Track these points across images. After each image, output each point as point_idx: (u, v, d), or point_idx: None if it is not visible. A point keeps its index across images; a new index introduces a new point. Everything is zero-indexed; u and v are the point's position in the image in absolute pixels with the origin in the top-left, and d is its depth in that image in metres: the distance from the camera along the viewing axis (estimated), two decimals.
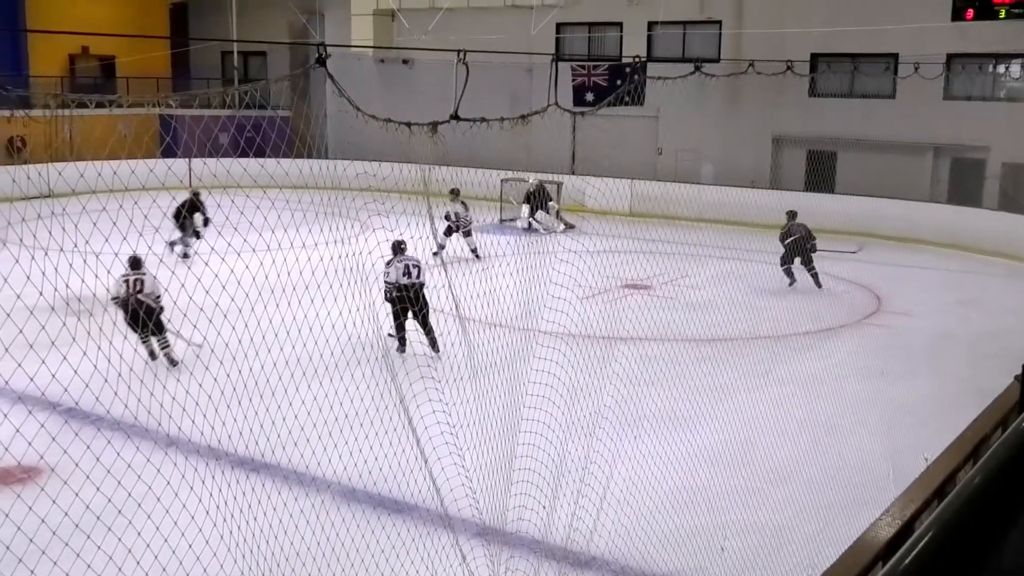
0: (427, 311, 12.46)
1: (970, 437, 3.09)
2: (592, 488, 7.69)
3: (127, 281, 11.86)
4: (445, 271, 7.30)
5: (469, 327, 8.70)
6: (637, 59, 14.19)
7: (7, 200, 9.98)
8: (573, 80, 24.88)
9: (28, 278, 5.11)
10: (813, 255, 17.31)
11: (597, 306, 13.85)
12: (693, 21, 27.71)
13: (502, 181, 24.32)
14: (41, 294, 5.27)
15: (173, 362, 11.94)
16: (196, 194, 18.18)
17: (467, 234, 19.50)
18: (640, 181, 24.67)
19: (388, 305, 12.26)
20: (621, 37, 29.00)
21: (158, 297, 11.97)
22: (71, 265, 5.48)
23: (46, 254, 5.35)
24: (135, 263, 11.87)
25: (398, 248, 12.64)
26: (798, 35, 24.84)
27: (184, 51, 35.22)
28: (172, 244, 18.23)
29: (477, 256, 18.88)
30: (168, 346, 12.03)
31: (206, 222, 18.12)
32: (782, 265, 17.45)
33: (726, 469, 9.22)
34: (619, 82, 23.55)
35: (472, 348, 9.13)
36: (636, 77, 15.61)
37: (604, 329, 12.23)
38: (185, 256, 17.96)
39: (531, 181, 23.55)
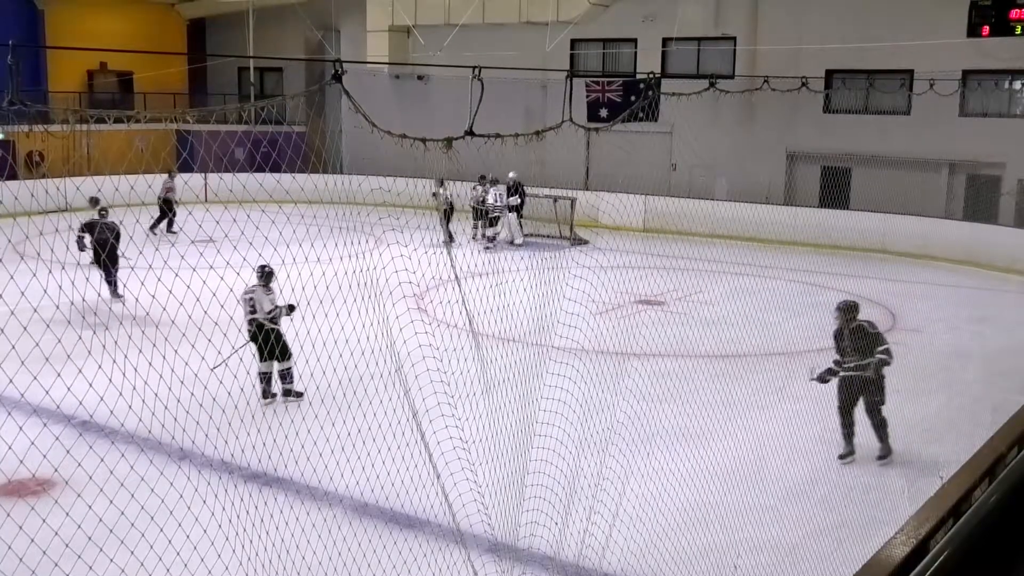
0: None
1: (986, 455, 3.06)
2: (604, 504, 7.67)
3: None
4: (459, 286, 7.31)
5: (482, 342, 8.70)
6: (651, 75, 14.16)
7: (25, 214, 10.06)
8: (587, 96, 24.92)
9: (45, 291, 5.15)
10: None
11: (610, 322, 13.83)
12: (708, 37, 27.72)
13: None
14: (57, 307, 5.31)
15: (296, 393, 9.76)
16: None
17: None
18: (654, 197, 24.67)
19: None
20: (636, 53, 29.04)
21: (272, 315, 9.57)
22: (87, 279, 5.52)
23: (63, 268, 5.39)
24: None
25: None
26: (813, 51, 24.81)
27: (201, 67, 35.46)
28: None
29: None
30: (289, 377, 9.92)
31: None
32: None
33: (739, 486, 9.17)
34: (633, 98, 23.56)
35: (485, 363, 9.12)
36: (650, 93, 15.62)
37: (617, 345, 12.20)
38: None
39: (510, 176, 23.47)
